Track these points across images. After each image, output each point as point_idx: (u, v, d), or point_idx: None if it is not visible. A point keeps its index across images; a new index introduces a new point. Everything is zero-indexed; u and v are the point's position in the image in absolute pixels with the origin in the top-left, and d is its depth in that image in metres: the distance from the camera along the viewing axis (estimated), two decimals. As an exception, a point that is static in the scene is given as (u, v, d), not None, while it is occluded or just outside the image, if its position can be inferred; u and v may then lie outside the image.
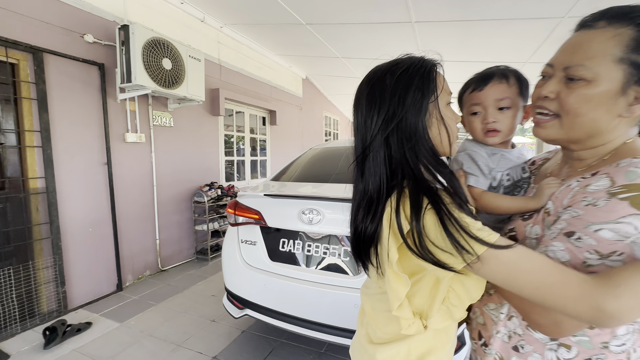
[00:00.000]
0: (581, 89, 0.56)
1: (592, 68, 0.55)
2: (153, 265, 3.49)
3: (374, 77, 0.64)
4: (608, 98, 0.55)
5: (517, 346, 0.65)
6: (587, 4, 2.60)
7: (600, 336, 0.56)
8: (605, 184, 0.52)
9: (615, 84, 0.54)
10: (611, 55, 0.54)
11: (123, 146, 3.11)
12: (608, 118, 0.56)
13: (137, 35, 2.75)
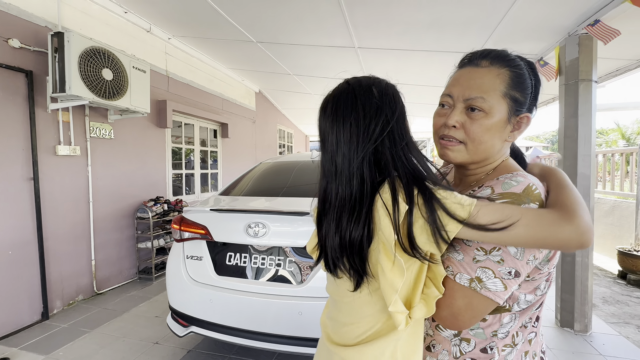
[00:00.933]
0: (482, 120, 0.65)
1: (488, 101, 0.64)
2: (87, 289, 3.20)
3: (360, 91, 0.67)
4: (500, 126, 0.66)
5: (429, 346, 0.71)
6: (492, 45, 3.11)
7: (491, 327, 0.65)
8: (487, 192, 0.63)
9: (504, 114, 0.65)
10: (499, 91, 0.64)
11: (54, 160, 2.87)
12: (499, 142, 0.67)
13: (73, 43, 2.61)
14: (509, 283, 0.58)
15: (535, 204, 0.58)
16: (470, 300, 0.60)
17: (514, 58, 0.67)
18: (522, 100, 0.66)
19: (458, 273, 0.60)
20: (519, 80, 0.65)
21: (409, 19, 2.84)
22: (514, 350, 0.66)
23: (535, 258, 0.59)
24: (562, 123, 2.70)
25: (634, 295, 3.50)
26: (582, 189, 2.58)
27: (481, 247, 0.59)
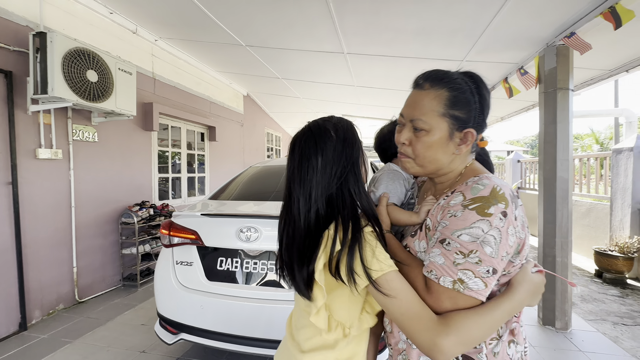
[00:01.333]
0: (423, 138, 0.73)
1: (427, 121, 0.71)
2: (68, 297, 3.08)
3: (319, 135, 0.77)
4: (441, 143, 0.72)
5: None
6: (476, 54, 3.24)
7: None
8: (460, 199, 0.67)
9: (444, 132, 0.71)
10: (437, 111, 0.71)
11: (34, 163, 2.77)
12: (446, 156, 0.74)
13: (56, 44, 2.54)
14: (488, 281, 0.63)
15: (502, 203, 0.64)
16: (455, 301, 0.64)
17: (454, 78, 0.72)
18: (463, 117, 0.71)
19: (442, 276, 0.64)
20: (457, 99, 0.70)
21: (397, 27, 2.91)
22: (500, 342, 0.69)
23: (507, 253, 0.64)
24: (542, 129, 2.82)
25: (610, 293, 3.67)
26: (560, 192, 2.70)
27: (459, 250, 0.64)
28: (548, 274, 2.69)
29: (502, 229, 0.63)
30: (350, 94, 5.60)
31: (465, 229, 0.64)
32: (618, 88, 8.33)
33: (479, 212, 0.63)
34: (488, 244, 0.62)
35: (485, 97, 0.73)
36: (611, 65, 3.28)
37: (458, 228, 0.64)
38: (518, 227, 0.65)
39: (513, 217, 0.64)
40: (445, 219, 0.68)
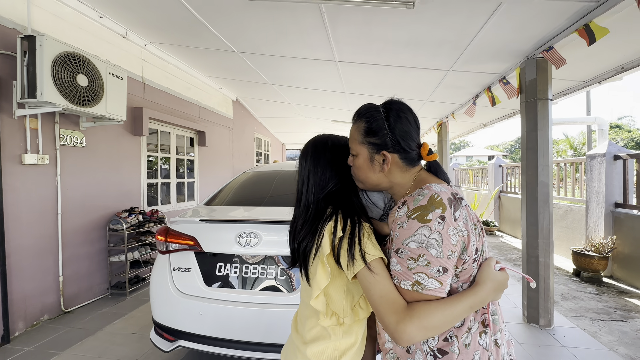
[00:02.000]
0: (355, 161, 0.89)
1: (354, 148, 0.88)
2: (54, 308, 2.98)
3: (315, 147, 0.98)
4: (366, 165, 0.86)
5: (408, 348, 0.81)
6: (462, 64, 3.40)
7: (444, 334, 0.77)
8: (405, 210, 0.76)
9: (365, 156, 0.86)
10: (358, 140, 0.86)
11: (19, 169, 2.69)
12: (375, 175, 0.87)
13: (46, 47, 2.50)
14: (442, 279, 0.71)
15: (439, 208, 0.72)
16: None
17: (371, 111, 0.86)
18: (378, 142, 0.84)
19: (402, 280, 0.73)
20: (370, 128, 0.84)
21: (387, 38, 3.02)
22: (470, 334, 0.77)
23: (453, 252, 0.71)
24: (524, 136, 2.99)
25: (587, 291, 3.87)
26: (542, 196, 2.86)
27: (410, 257, 0.72)
28: (513, 272, 2.82)
29: (442, 231, 0.70)
30: (339, 100, 5.70)
31: (411, 236, 0.72)
32: (590, 97, 8.85)
33: (419, 220, 0.72)
34: (432, 247, 0.70)
35: (392, 122, 0.83)
36: (585, 77, 3.51)
37: (406, 237, 0.73)
38: (460, 227, 0.72)
39: (452, 218, 0.72)
40: (396, 230, 0.76)
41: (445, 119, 6.24)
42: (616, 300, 3.57)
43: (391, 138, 0.83)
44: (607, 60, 3.10)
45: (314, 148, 0.98)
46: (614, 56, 3.00)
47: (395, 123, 0.83)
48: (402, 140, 0.83)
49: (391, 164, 0.84)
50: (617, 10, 2.06)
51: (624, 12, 2.07)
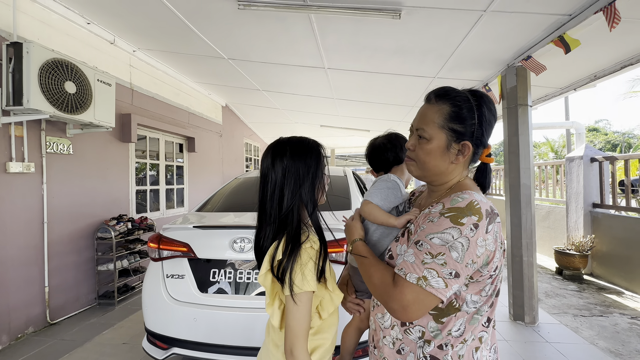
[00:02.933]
0: (423, 145, 0.81)
1: (428, 131, 0.79)
2: (39, 320, 2.90)
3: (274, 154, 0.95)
4: (439, 151, 0.79)
5: (399, 349, 0.82)
6: (447, 71, 3.53)
7: (447, 327, 0.77)
8: (439, 207, 0.75)
9: (442, 142, 0.79)
10: (437, 123, 0.78)
11: (4, 178, 2.63)
12: (443, 164, 0.81)
13: (33, 54, 2.47)
14: (449, 282, 0.70)
15: (476, 216, 0.70)
16: (417, 295, 0.71)
17: (457, 95, 0.79)
18: (461, 130, 0.78)
19: (409, 273, 0.72)
20: (456, 114, 0.77)
21: (376, 46, 3.11)
22: (465, 346, 0.76)
23: (474, 262, 0.70)
24: (506, 140, 3.12)
25: (569, 289, 4.03)
26: (524, 197, 2.98)
27: (429, 252, 0.71)
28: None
29: (472, 239, 0.69)
30: (329, 105, 5.78)
31: (438, 233, 0.71)
32: (568, 102, 9.25)
33: (452, 220, 0.71)
34: (455, 250, 0.69)
35: (485, 114, 0.78)
36: (562, 84, 3.69)
37: (432, 232, 0.72)
38: (489, 240, 0.70)
39: (484, 230, 0.70)
40: (423, 223, 0.76)
41: (432, 124, 6.39)
42: (596, 297, 3.73)
43: (477, 129, 0.78)
44: (581, 69, 3.28)
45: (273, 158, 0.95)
46: (587, 65, 3.18)
47: (484, 115, 0.78)
48: (485, 134, 0.79)
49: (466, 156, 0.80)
50: (587, 23, 2.20)
51: (594, 25, 2.21)
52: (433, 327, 0.77)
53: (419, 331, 0.79)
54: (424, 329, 0.78)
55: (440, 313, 0.77)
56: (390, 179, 1.06)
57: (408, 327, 0.80)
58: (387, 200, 1.00)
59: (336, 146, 11.39)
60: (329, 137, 9.66)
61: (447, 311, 0.76)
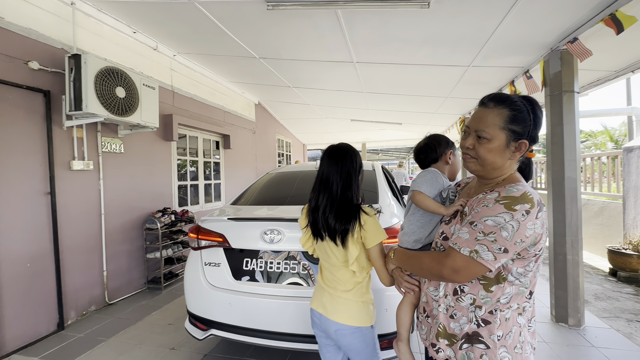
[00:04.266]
0: (485, 145, 0.94)
1: (489, 132, 0.92)
2: (99, 300, 3.29)
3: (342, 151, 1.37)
4: (499, 150, 0.93)
5: (452, 315, 0.97)
6: (482, 59, 3.34)
7: (496, 295, 0.91)
8: (495, 195, 0.89)
9: (502, 141, 0.92)
10: (498, 125, 0.92)
11: (68, 174, 2.99)
12: (502, 160, 0.94)
13: (89, 64, 2.76)
14: (498, 255, 0.85)
15: (529, 204, 0.84)
16: (468, 264, 0.87)
17: (514, 101, 0.93)
18: (519, 131, 0.91)
19: (463, 247, 0.88)
20: (515, 117, 0.91)
21: (404, 37, 3.04)
22: (510, 310, 0.92)
23: (522, 241, 0.84)
24: (549, 131, 2.90)
25: (624, 291, 3.68)
26: (569, 191, 2.77)
27: (482, 231, 0.86)
28: (559, 272, 2.73)
29: (522, 222, 0.83)
30: (359, 99, 5.75)
31: (492, 216, 0.85)
32: (630, 86, 8.24)
33: (506, 206, 0.84)
34: (505, 230, 0.83)
35: (539, 116, 0.93)
36: (617, 67, 3.34)
37: (486, 215, 0.86)
38: (537, 225, 0.84)
39: (534, 216, 0.83)
40: (479, 207, 0.90)
41: (469, 115, 6.10)
42: (656, 301, 3.37)
43: (532, 129, 0.92)
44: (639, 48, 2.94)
45: (353, 156, 1.34)
46: (648, 43, 2.84)
47: (537, 117, 0.93)
48: (536, 134, 0.94)
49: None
50: (644, -3, 1.98)
51: (652, -1, 1.98)
52: (483, 295, 0.92)
53: (470, 298, 0.94)
54: (475, 296, 0.93)
55: (489, 282, 0.91)
56: (430, 171, 1.29)
57: (460, 296, 0.96)
58: (432, 187, 1.22)
59: (367, 140, 11.26)
60: (360, 132, 9.58)
61: (496, 281, 0.90)
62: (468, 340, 0.93)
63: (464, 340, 0.94)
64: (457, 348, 0.95)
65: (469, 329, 0.93)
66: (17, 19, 2.58)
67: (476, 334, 0.92)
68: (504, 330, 0.90)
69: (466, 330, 0.94)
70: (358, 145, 11.85)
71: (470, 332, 0.93)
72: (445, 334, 0.98)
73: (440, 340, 0.99)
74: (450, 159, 1.35)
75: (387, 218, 1.98)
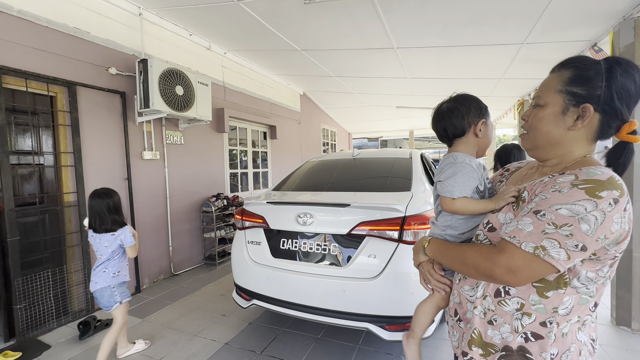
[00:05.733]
0: (538, 112, 0.79)
1: (544, 98, 0.78)
2: (166, 270, 3.85)
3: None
4: (554, 116, 0.76)
5: (491, 320, 0.79)
6: (538, 34, 3.03)
7: (552, 303, 0.72)
8: (570, 178, 0.69)
9: (557, 107, 0.75)
10: (554, 88, 0.75)
11: (141, 163, 3.52)
12: (557, 131, 0.76)
13: (154, 67, 3.18)
14: (573, 254, 0.66)
15: (618, 191, 0.65)
16: (530, 263, 0.68)
17: (582, 59, 0.75)
18: (582, 93, 0.72)
19: (524, 242, 0.69)
20: (577, 77, 0.72)
21: (446, 18, 2.91)
22: (568, 324, 0.73)
23: (606, 237, 0.65)
24: None
25: None
26: (638, 180, 2.45)
27: (553, 222, 0.66)
28: (620, 269, 2.47)
29: (608, 213, 0.64)
30: (403, 85, 5.59)
31: (567, 204, 0.66)
32: None
33: (588, 192, 0.65)
34: (586, 222, 0.64)
35: (617, 77, 0.69)
36: None
37: (559, 202, 0.67)
38: (625, 219, 0.66)
39: (623, 208, 0.65)
40: (547, 192, 0.70)
41: (528, 97, 5.53)
42: None
43: (604, 92, 0.70)
44: None
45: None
46: None
47: (617, 77, 0.69)
48: (618, 98, 0.69)
49: (588, 124, 0.73)
50: None
51: None
52: (535, 300, 0.73)
53: (517, 302, 0.75)
54: (524, 301, 0.75)
55: (547, 286, 0.72)
56: (458, 162, 0.95)
57: (503, 298, 0.77)
58: (467, 187, 0.92)
59: (414, 128, 10.83)
60: (406, 119, 9.26)
61: (555, 284, 0.71)
62: (510, 356, 0.76)
63: (505, 353, 0.77)
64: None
65: (513, 342, 0.76)
66: (99, 32, 3.07)
67: (523, 349, 0.75)
68: (560, 349, 0.73)
69: (509, 343, 0.77)
70: (405, 132, 11.47)
71: (516, 346, 0.76)
72: (481, 342, 0.81)
73: (474, 349, 0.82)
74: (481, 131, 0.98)
75: (419, 205, 2.00)
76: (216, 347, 2.38)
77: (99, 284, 2.13)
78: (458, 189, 0.91)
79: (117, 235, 2.14)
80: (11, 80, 2.50)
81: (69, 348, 2.42)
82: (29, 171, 2.69)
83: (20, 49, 2.53)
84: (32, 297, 2.58)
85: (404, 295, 1.88)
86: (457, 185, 0.91)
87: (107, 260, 2.15)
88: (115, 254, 2.17)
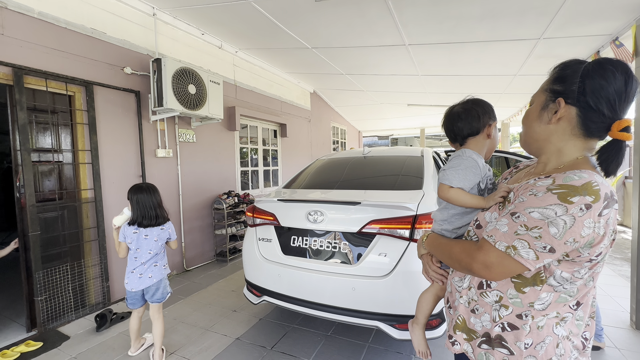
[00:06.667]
0: (527, 110, 0.87)
1: (533, 97, 0.86)
2: (179, 266, 3.92)
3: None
4: (536, 113, 0.83)
5: (474, 309, 0.87)
6: (556, 29, 2.94)
7: (528, 298, 0.77)
8: (548, 182, 0.72)
9: (539, 103, 0.82)
10: (542, 88, 0.83)
11: (154, 160, 3.59)
12: (540, 125, 0.81)
13: (167, 66, 3.24)
14: (541, 255, 0.70)
15: (591, 197, 0.66)
16: (502, 260, 0.73)
17: (569, 62, 0.78)
18: (559, 89, 0.76)
19: (499, 241, 0.74)
20: (560, 76, 0.77)
21: (459, 14, 2.86)
22: (545, 318, 0.77)
23: (575, 241, 0.67)
24: (638, 109, 2.48)
25: None
26: (662, 180, 2.36)
27: (524, 224, 0.71)
28: None
29: (578, 218, 0.66)
30: (414, 83, 5.52)
31: (539, 208, 0.69)
32: None
33: (560, 197, 0.68)
34: (555, 226, 0.67)
35: (587, 74, 0.72)
36: None
37: (533, 206, 0.71)
38: (599, 224, 0.67)
39: (597, 212, 0.66)
40: (525, 195, 0.74)
41: (544, 94, 5.38)
42: None
43: (579, 87, 0.73)
44: None
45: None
46: None
47: (590, 73, 0.72)
48: (591, 93, 0.72)
49: (563, 118, 0.76)
50: None
51: None
52: (512, 295, 0.79)
53: (496, 295, 0.82)
54: (502, 294, 0.80)
55: (524, 282, 0.77)
56: (465, 155, 1.01)
57: (485, 290, 0.84)
58: (466, 180, 0.97)
59: (426, 125, 10.69)
60: (418, 117, 9.15)
61: (532, 281, 0.76)
62: (488, 342, 0.83)
63: (485, 339, 0.84)
64: (476, 345, 0.86)
65: (491, 330, 0.83)
66: (114, 33, 3.14)
67: (500, 337, 0.81)
68: (535, 339, 0.78)
69: (488, 330, 0.84)
70: (416, 131, 11.34)
71: (494, 334, 0.82)
72: (465, 328, 0.90)
73: (458, 333, 0.91)
74: (491, 133, 1.05)
75: (431, 203, 1.98)
76: (227, 342, 2.42)
77: (155, 277, 2.20)
78: (457, 179, 0.98)
79: (167, 229, 2.21)
80: (32, 80, 2.58)
81: (87, 339, 2.50)
82: (48, 168, 2.78)
83: (40, 50, 2.61)
84: (52, 290, 2.68)
85: (414, 294, 1.85)
86: (458, 176, 0.98)
87: (156, 255, 2.21)
88: (162, 248, 2.24)
